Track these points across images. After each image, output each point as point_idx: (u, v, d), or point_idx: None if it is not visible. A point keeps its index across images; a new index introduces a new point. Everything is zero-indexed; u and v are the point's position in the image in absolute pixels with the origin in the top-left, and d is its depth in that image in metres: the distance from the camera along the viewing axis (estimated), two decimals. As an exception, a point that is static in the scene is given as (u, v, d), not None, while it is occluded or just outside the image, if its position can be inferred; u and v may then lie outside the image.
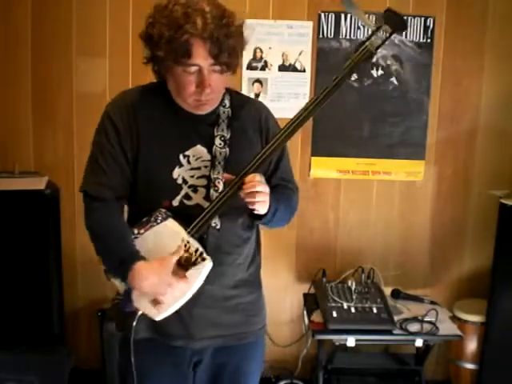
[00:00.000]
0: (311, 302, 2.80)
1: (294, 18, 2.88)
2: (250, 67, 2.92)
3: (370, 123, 2.97)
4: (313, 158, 3.00)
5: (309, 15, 2.89)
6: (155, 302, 1.47)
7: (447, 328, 2.63)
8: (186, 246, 1.45)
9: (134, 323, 1.50)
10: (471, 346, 2.89)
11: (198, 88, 1.47)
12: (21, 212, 2.61)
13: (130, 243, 1.49)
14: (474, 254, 3.06)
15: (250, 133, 1.62)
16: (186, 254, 1.45)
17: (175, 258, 1.44)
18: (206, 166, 1.55)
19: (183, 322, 1.56)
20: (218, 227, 1.53)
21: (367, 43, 1.46)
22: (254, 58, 2.92)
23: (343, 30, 2.89)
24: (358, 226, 3.07)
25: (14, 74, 2.89)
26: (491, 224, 2.78)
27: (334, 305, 2.62)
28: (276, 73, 2.93)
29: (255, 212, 1.50)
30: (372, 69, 2.92)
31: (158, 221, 1.50)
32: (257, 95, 2.92)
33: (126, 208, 1.63)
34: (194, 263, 1.45)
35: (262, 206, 1.48)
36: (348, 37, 2.89)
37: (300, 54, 2.90)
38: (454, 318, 2.83)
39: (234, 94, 1.65)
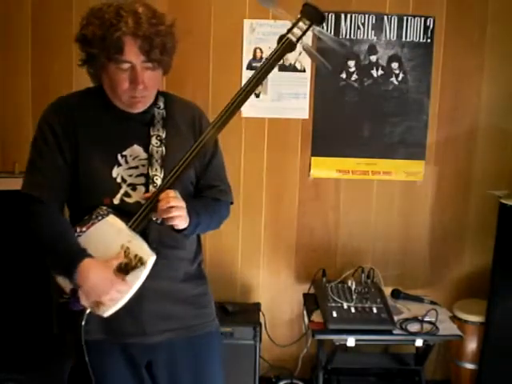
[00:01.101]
0: (311, 302, 2.80)
1: (294, 18, 2.87)
2: (249, 67, 2.92)
3: (369, 123, 2.97)
4: (313, 158, 3.00)
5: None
6: (97, 304, 1.49)
7: (447, 328, 2.63)
8: (125, 251, 1.49)
9: (83, 323, 1.52)
10: (471, 346, 2.89)
11: (131, 85, 1.53)
12: (20, 212, 2.61)
13: (75, 241, 1.52)
14: (473, 254, 3.06)
15: (185, 132, 1.69)
16: (125, 260, 1.49)
17: (116, 263, 1.48)
18: (143, 165, 1.60)
19: (134, 318, 1.59)
20: (160, 221, 1.56)
21: (288, 35, 1.55)
22: (254, 58, 2.92)
23: (343, 29, 2.89)
24: (357, 226, 3.07)
25: (14, 73, 2.89)
26: (491, 224, 2.78)
27: (333, 305, 2.62)
28: (276, 73, 2.93)
29: (175, 227, 1.53)
30: (372, 69, 2.92)
31: (100, 218, 1.53)
32: (257, 95, 2.92)
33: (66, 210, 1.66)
34: (134, 268, 1.49)
35: (179, 220, 1.51)
36: (348, 37, 2.89)
37: (300, 54, 2.90)
38: (454, 318, 2.83)
39: (168, 96, 1.72)
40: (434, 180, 3.04)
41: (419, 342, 2.58)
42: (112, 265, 1.48)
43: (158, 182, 1.57)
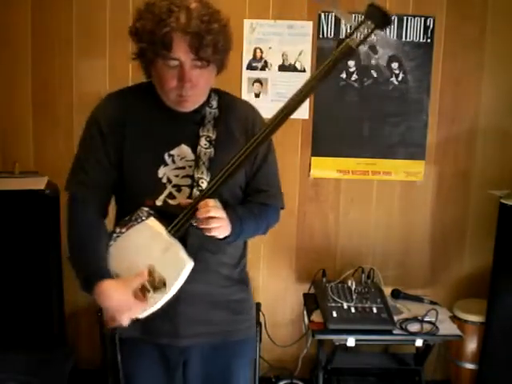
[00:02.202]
0: (311, 302, 2.80)
1: (294, 18, 2.88)
2: (250, 67, 2.92)
3: (369, 123, 2.97)
4: (313, 158, 3.00)
5: (309, 15, 2.89)
6: (113, 319, 1.47)
7: (447, 328, 2.63)
8: (150, 271, 1.46)
9: None
10: (471, 346, 2.89)
11: (179, 83, 1.48)
12: (21, 212, 2.61)
13: (101, 257, 1.50)
14: (473, 254, 3.07)
15: (237, 135, 1.62)
16: (149, 279, 1.47)
17: (138, 282, 1.46)
18: (190, 166, 1.55)
19: (169, 319, 1.57)
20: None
21: (348, 40, 1.43)
22: (254, 58, 2.92)
23: (343, 29, 2.89)
24: (357, 226, 3.07)
25: (14, 73, 2.89)
26: (491, 224, 2.78)
27: (333, 305, 2.62)
28: (276, 73, 2.93)
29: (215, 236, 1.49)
30: (372, 69, 2.92)
31: (139, 220, 1.50)
32: (257, 95, 2.92)
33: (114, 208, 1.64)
34: (156, 288, 1.46)
35: (218, 231, 1.46)
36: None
37: (300, 53, 2.90)
38: (454, 318, 2.83)
39: (222, 95, 1.66)
40: (434, 180, 3.04)
41: (419, 342, 2.58)
42: (133, 284, 1.45)
43: (204, 185, 1.51)
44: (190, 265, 1.46)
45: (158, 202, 1.53)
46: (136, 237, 1.50)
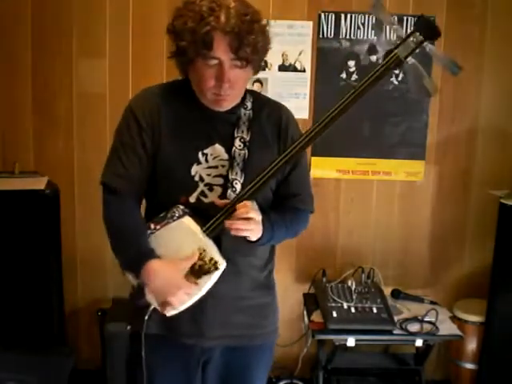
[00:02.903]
0: (311, 302, 2.80)
1: (294, 18, 2.88)
2: (249, 67, 2.92)
3: (369, 123, 2.97)
4: (313, 158, 3.00)
5: (309, 15, 2.88)
6: (163, 304, 1.47)
7: (447, 328, 2.63)
8: (201, 254, 1.46)
9: (146, 317, 1.52)
10: (471, 346, 2.89)
11: (217, 82, 1.48)
12: (21, 212, 2.61)
13: (145, 240, 1.50)
14: (473, 254, 3.06)
15: (270, 137, 1.62)
16: (199, 262, 1.46)
17: (189, 264, 1.45)
18: (222, 166, 1.55)
19: (195, 320, 1.57)
20: None
21: (396, 50, 1.44)
22: (254, 58, 2.91)
23: (343, 29, 2.89)
24: (357, 225, 3.07)
25: (14, 74, 2.89)
26: (491, 224, 2.78)
27: (333, 305, 2.62)
28: (276, 73, 2.93)
29: (247, 238, 1.49)
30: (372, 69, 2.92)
31: (175, 218, 1.49)
32: (257, 95, 2.92)
33: (143, 202, 1.64)
34: (207, 272, 1.46)
35: (251, 233, 1.47)
36: (348, 37, 2.89)
37: (300, 54, 2.90)
38: (454, 318, 2.83)
39: (256, 96, 1.66)
40: (434, 180, 3.04)
41: (419, 342, 2.58)
42: (183, 267, 1.45)
43: (237, 186, 1.52)
44: (223, 266, 1.46)
45: (192, 199, 1.53)
46: (171, 234, 1.49)
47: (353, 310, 2.59)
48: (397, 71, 2.91)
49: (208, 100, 1.53)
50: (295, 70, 2.92)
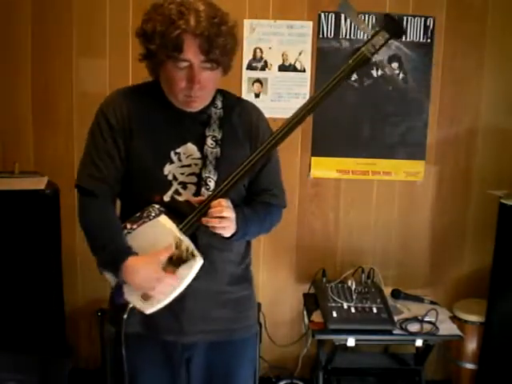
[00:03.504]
0: (311, 302, 2.80)
1: (294, 18, 2.88)
2: (250, 67, 2.92)
3: (370, 123, 2.97)
4: (313, 158, 3.00)
5: (309, 15, 2.89)
6: (145, 297, 1.50)
7: (447, 328, 2.62)
8: (177, 243, 1.48)
9: (125, 316, 1.53)
10: (471, 346, 2.89)
11: (188, 84, 1.51)
12: (21, 212, 2.61)
13: (122, 238, 1.52)
14: (474, 254, 3.07)
15: (241, 135, 1.65)
16: (176, 252, 1.48)
17: (166, 255, 1.48)
18: (195, 164, 1.58)
19: (175, 316, 1.59)
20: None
21: (363, 48, 1.48)
22: (254, 58, 2.92)
23: (343, 29, 2.89)
24: (358, 225, 3.07)
25: (14, 74, 2.89)
26: (491, 224, 2.78)
27: (333, 305, 2.62)
28: (276, 73, 2.93)
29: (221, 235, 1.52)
30: (372, 69, 2.92)
31: (151, 217, 1.52)
32: (257, 95, 2.92)
33: (118, 203, 1.66)
34: (185, 261, 1.48)
35: (225, 231, 1.50)
36: (348, 37, 2.89)
37: (300, 53, 2.90)
38: (454, 318, 2.83)
39: (226, 96, 1.69)
40: (434, 180, 3.04)
41: (419, 342, 2.58)
42: (160, 259, 1.47)
43: (211, 184, 1.56)
44: (200, 262, 1.48)
45: (166, 198, 1.56)
46: (147, 233, 1.51)
47: (353, 310, 2.59)
48: (400, 70, 2.91)
49: (179, 101, 1.57)
50: (295, 69, 2.92)
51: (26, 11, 2.84)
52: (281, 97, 2.93)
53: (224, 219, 1.48)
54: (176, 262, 1.48)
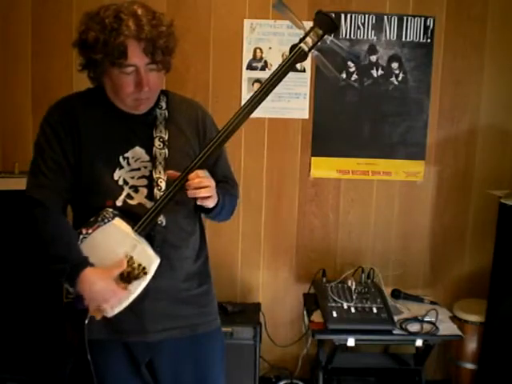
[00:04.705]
0: (311, 302, 2.80)
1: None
2: (249, 67, 2.92)
3: (369, 123, 2.97)
4: (313, 158, 3.00)
5: (309, 15, 2.88)
6: (98, 309, 1.51)
7: (447, 328, 2.62)
8: (129, 261, 1.50)
9: (86, 321, 1.54)
10: (471, 346, 2.89)
11: (136, 88, 1.52)
12: (21, 212, 2.61)
13: (76, 249, 1.51)
14: (473, 254, 3.06)
15: (188, 133, 1.67)
16: (128, 269, 1.50)
17: (118, 272, 1.49)
18: (145, 167, 1.60)
19: (136, 316, 1.60)
20: (164, 224, 1.58)
21: (301, 45, 1.56)
22: (254, 58, 2.92)
23: (343, 29, 2.89)
24: (358, 226, 3.07)
25: (14, 74, 2.89)
26: (491, 224, 2.78)
27: (334, 305, 2.62)
28: (276, 73, 2.92)
29: (204, 206, 1.55)
30: (372, 69, 2.92)
31: (106, 220, 1.53)
32: (257, 95, 2.92)
33: (69, 211, 1.66)
34: (136, 277, 1.50)
35: (209, 200, 1.53)
36: (348, 37, 2.89)
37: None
38: (454, 318, 2.83)
39: (170, 95, 1.70)
40: (434, 180, 3.04)
41: (419, 342, 2.58)
42: (113, 274, 1.49)
43: (162, 184, 1.57)
44: (157, 261, 1.51)
45: (118, 203, 1.57)
46: (103, 237, 1.52)
47: (353, 309, 2.59)
48: (400, 71, 2.91)
49: (127, 105, 1.58)
50: (295, 70, 2.92)
51: (26, 11, 2.84)
52: (281, 97, 2.93)
53: (206, 189, 1.49)
54: (126, 278, 1.50)
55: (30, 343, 2.63)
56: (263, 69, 2.92)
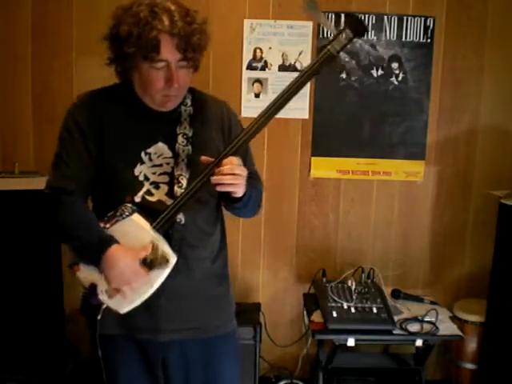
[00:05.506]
0: (311, 302, 2.80)
1: (294, 18, 2.88)
2: (250, 67, 2.92)
3: (369, 123, 2.97)
4: (313, 158, 3.00)
5: (309, 15, 2.88)
6: (116, 291, 1.49)
7: (447, 328, 2.62)
8: (153, 246, 1.49)
9: (99, 317, 1.53)
10: (471, 346, 2.89)
11: (166, 84, 1.52)
12: (21, 212, 2.61)
13: (102, 229, 1.52)
14: (473, 254, 3.07)
15: (213, 131, 1.66)
16: (151, 256, 1.49)
17: (143, 254, 1.48)
18: (167, 163, 1.58)
19: (149, 314, 1.58)
20: (183, 222, 1.57)
21: (329, 46, 1.52)
22: (254, 58, 2.92)
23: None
24: (358, 226, 3.07)
25: (14, 74, 2.89)
26: (491, 224, 2.78)
27: (334, 305, 2.62)
28: (276, 73, 2.93)
29: (233, 195, 1.52)
30: (372, 69, 2.92)
31: (124, 215, 1.52)
32: (257, 95, 2.92)
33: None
34: (158, 265, 1.49)
35: (239, 188, 1.50)
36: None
37: (300, 54, 2.90)
38: (454, 318, 2.83)
39: (196, 93, 1.69)
40: (434, 180, 3.04)
41: (419, 342, 2.58)
42: (139, 255, 1.47)
43: (184, 182, 1.56)
44: (173, 259, 1.49)
45: (137, 199, 1.56)
46: (121, 232, 1.51)
47: (353, 310, 2.59)
48: (399, 71, 2.91)
49: (155, 102, 1.57)
50: (295, 70, 2.92)
51: (26, 11, 2.84)
52: (281, 97, 2.93)
53: (238, 176, 1.46)
54: (149, 264, 1.49)
55: (30, 343, 2.63)
56: (263, 69, 2.92)
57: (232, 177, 1.46)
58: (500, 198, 2.73)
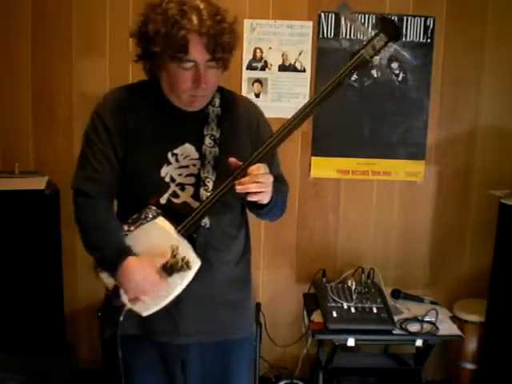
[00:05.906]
0: (311, 302, 2.80)
1: (294, 18, 2.88)
2: (250, 67, 2.92)
3: (369, 123, 2.97)
4: (313, 158, 3.00)
5: (309, 15, 2.88)
6: (135, 300, 1.49)
7: (447, 328, 2.62)
8: (173, 251, 1.47)
9: (121, 318, 1.52)
10: (471, 346, 2.89)
11: (193, 84, 1.48)
12: (21, 212, 2.61)
13: (121, 237, 1.51)
14: (473, 254, 3.06)
15: (241, 133, 1.63)
16: (172, 260, 1.47)
17: (161, 261, 1.47)
18: (194, 165, 1.55)
19: (170, 317, 1.57)
20: (208, 226, 1.54)
21: (362, 51, 1.47)
22: (254, 58, 2.92)
23: (343, 29, 2.88)
24: (358, 226, 3.07)
25: (13, 74, 2.89)
26: (491, 224, 2.78)
27: (333, 305, 2.62)
28: (276, 73, 2.93)
29: (258, 202, 1.48)
30: (372, 69, 2.92)
31: (148, 219, 1.50)
32: (257, 95, 2.92)
33: (115, 204, 1.65)
34: (179, 270, 1.47)
35: (265, 196, 1.46)
36: (348, 37, 2.89)
37: (300, 54, 2.90)
38: (454, 318, 2.83)
39: (224, 93, 1.65)
40: (434, 180, 3.04)
41: (419, 342, 2.58)
42: (157, 263, 1.46)
43: (210, 184, 1.52)
44: (196, 264, 1.47)
45: (162, 201, 1.53)
46: (145, 235, 1.50)
47: (353, 309, 2.59)
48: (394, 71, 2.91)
49: (182, 101, 1.54)
50: (295, 70, 2.92)
51: (26, 11, 2.84)
52: (281, 97, 2.93)
53: (263, 184, 1.42)
54: (170, 269, 1.48)
55: (29, 343, 2.63)
56: (263, 69, 2.92)
57: (258, 185, 1.41)
58: (500, 197, 2.73)
